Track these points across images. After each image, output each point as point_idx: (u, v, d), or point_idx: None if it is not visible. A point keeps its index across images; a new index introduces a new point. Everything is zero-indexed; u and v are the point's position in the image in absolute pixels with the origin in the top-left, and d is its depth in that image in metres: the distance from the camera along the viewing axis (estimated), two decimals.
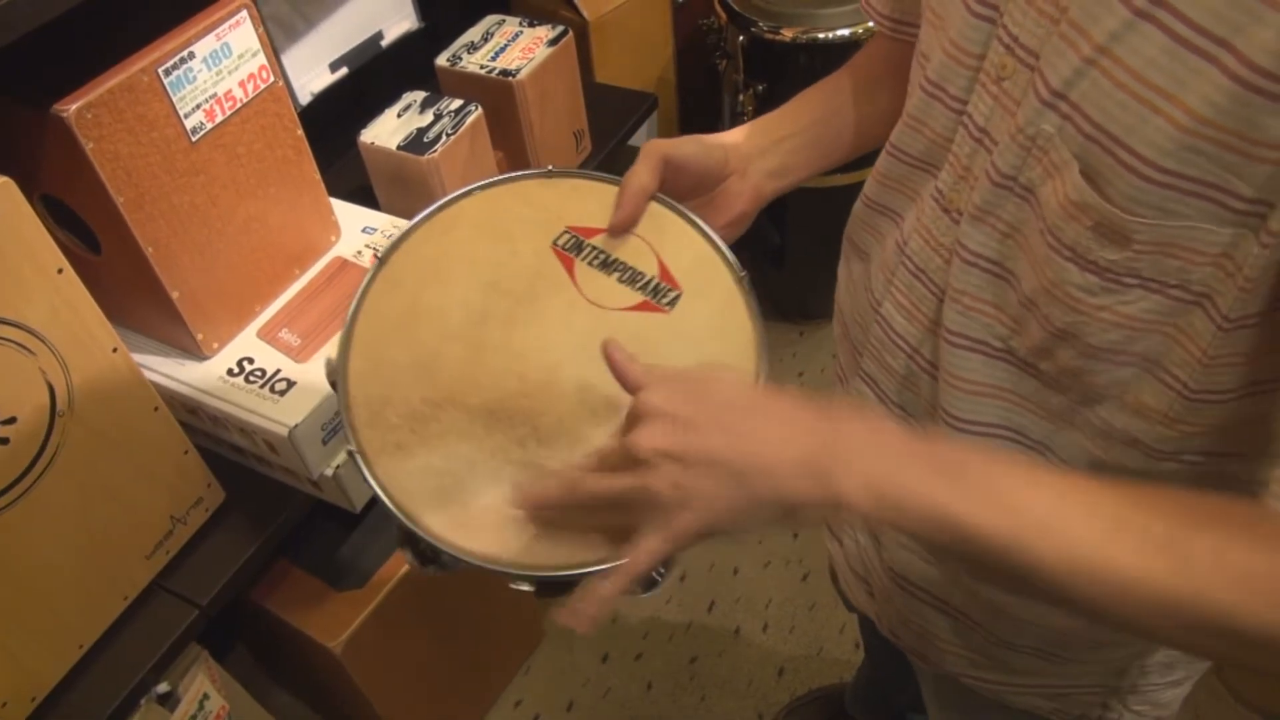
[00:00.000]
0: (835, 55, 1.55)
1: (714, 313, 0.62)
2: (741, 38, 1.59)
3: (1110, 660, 0.69)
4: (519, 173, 0.68)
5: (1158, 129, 0.42)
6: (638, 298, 0.63)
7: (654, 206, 0.66)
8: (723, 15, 1.63)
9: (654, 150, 0.65)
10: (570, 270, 0.63)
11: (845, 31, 1.52)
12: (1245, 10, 0.38)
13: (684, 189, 0.67)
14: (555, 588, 0.52)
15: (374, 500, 0.92)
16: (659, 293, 0.63)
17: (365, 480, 0.55)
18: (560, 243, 0.64)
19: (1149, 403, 0.52)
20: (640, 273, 0.64)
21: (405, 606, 1.16)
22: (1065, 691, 0.72)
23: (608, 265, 0.64)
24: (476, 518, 0.55)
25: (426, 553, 0.57)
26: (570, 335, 0.61)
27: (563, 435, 0.57)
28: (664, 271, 0.64)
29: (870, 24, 1.50)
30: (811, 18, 1.54)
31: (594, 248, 0.64)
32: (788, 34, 1.55)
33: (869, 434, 0.48)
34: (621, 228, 0.65)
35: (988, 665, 0.72)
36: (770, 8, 1.57)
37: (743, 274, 0.64)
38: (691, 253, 0.65)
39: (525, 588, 0.54)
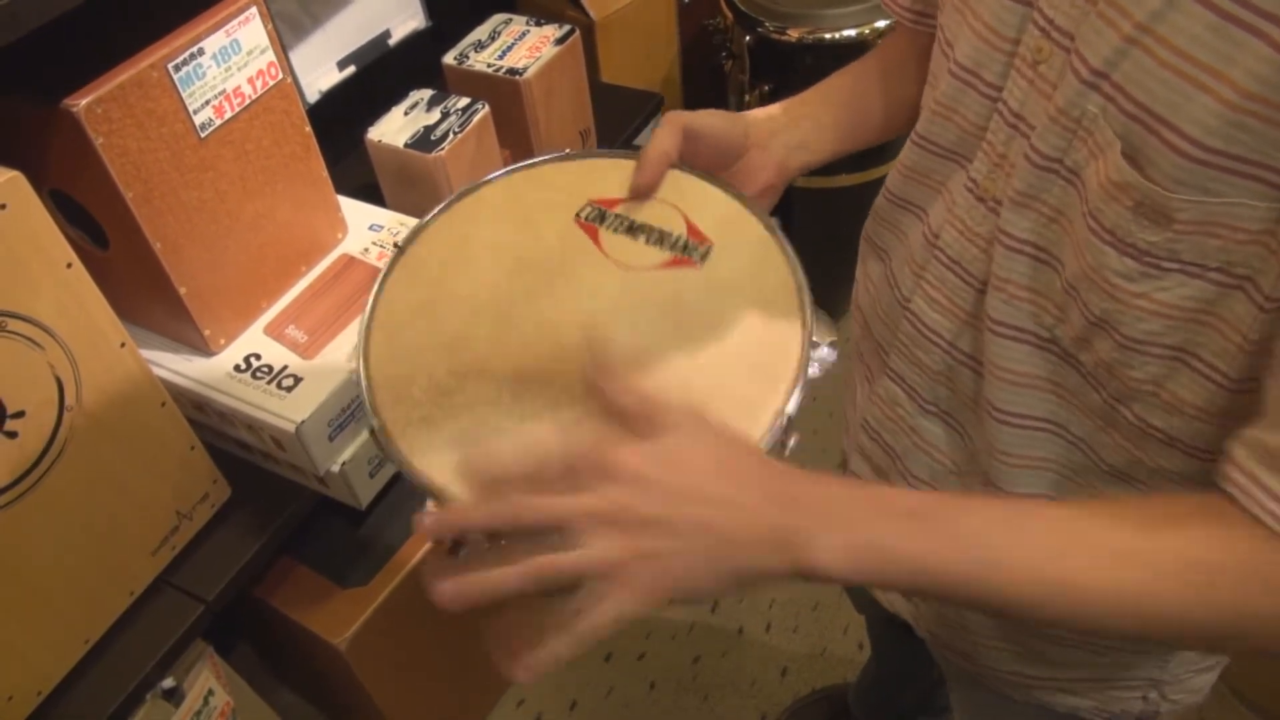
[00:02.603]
0: (841, 55, 1.55)
1: (748, 261, 0.61)
2: (747, 38, 1.59)
3: (1154, 649, 0.68)
4: (536, 158, 0.67)
5: (1204, 107, 0.42)
6: (668, 255, 0.62)
7: (674, 173, 0.65)
8: (729, 15, 1.63)
9: (676, 119, 0.64)
10: (595, 239, 0.62)
11: (851, 32, 1.52)
12: None
13: (704, 160, 0.66)
14: None
15: (379, 497, 0.93)
16: (689, 249, 0.62)
17: (389, 456, 0.54)
18: (583, 215, 0.63)
19: (1185, 398, 0.51)
20: (668, 232, 0.63)
21: (410, 604, 1.15)
22: (1107, 686, 0.71)
23: (634, 230, 0.63)
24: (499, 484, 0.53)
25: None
26: (602, 298, 0.60)
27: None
28: (692, 229, 0.63)
29: (877, 24, 1.51)
30: (818, 18, 1.54)
31: (618, 215, 0.63)
32: (794, 34, 1.55)
33: (831, 499, 0.48)
34: (641, 192, 0.64)
35: (1028, 659, 0.72)
36: (776, 7, 1.57)
37: (773, 220, 0.63)
38: (717, 209, 0.64)
39: None
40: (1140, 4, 0.43)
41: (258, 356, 0.88)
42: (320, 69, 1.13)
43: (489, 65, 1.13)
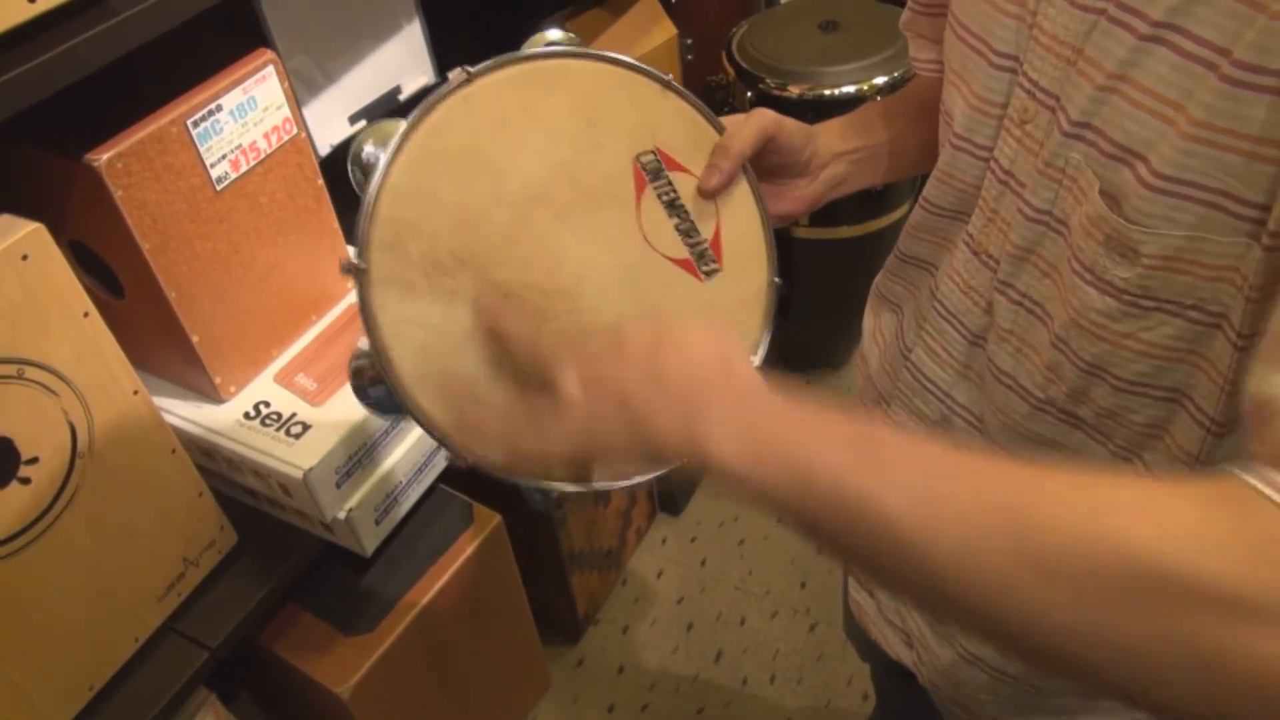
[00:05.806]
0: (841, 112, 1.58)
1: (738, 303, 0.63)
2: (750, 94, 1.63)
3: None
4: (639, 64, 0.62)
5: (1166, 139, 0.44)
6: (684, 254, 0.62)
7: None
8: (731, 72, 1.66)
9: (763, 122, 0.64)
10: (639, 193, 0.61)
11: (850, 88, 1.56)
12: (1241, 18, 0.40)
13: (765, 165, 0.66)
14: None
15: (385, 544, 0.94)
16: (703, 259, 0.62)
17: (359, 294, 0.53)
18: (643, 160, 0.62)
19: (1182, 444, 0.52)
20: (697, 230, 0.63)
21: (413, 653, 1.15)
22: None
23: (673, 207, 0.62)
24: (446, 385, 0.55)
25: (372, 384, 0.57)
26: (610, 259, 0.60)
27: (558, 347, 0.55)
28: (716, 240, 0.63)
29: (876, 80, 1.55)
30: (818, 75, 1.58)
31: (669, 182, 0.62)
32: (795, 91, 1.58)
33: (743, 393, 0.46)
34: (713, 193, 0.63)
35: (1028, 710, 0.71)
36: (778, 65, 1.61)
37: (778, 280, 0.64)
38: (746, 233, 0.64)
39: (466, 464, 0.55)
40: (1111, 55, 0.46)
41: (267, 404, 0.89)
42: (332, 123, 1.16)
43: None
